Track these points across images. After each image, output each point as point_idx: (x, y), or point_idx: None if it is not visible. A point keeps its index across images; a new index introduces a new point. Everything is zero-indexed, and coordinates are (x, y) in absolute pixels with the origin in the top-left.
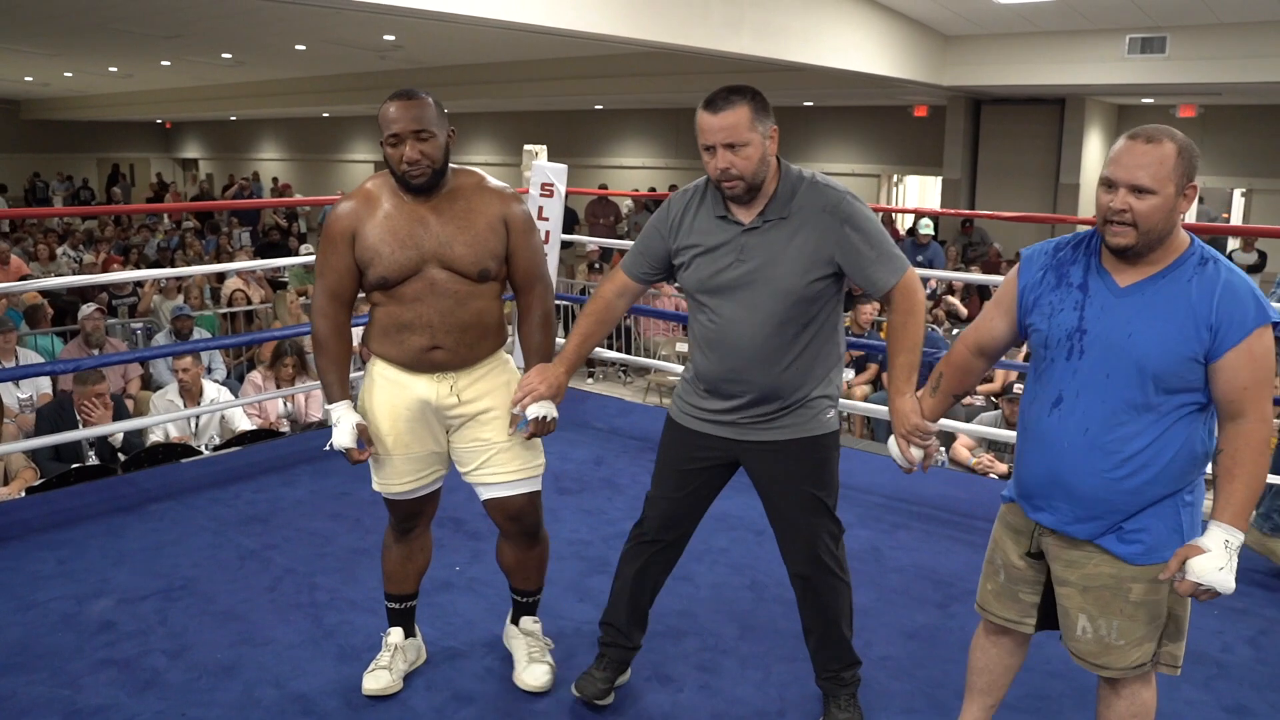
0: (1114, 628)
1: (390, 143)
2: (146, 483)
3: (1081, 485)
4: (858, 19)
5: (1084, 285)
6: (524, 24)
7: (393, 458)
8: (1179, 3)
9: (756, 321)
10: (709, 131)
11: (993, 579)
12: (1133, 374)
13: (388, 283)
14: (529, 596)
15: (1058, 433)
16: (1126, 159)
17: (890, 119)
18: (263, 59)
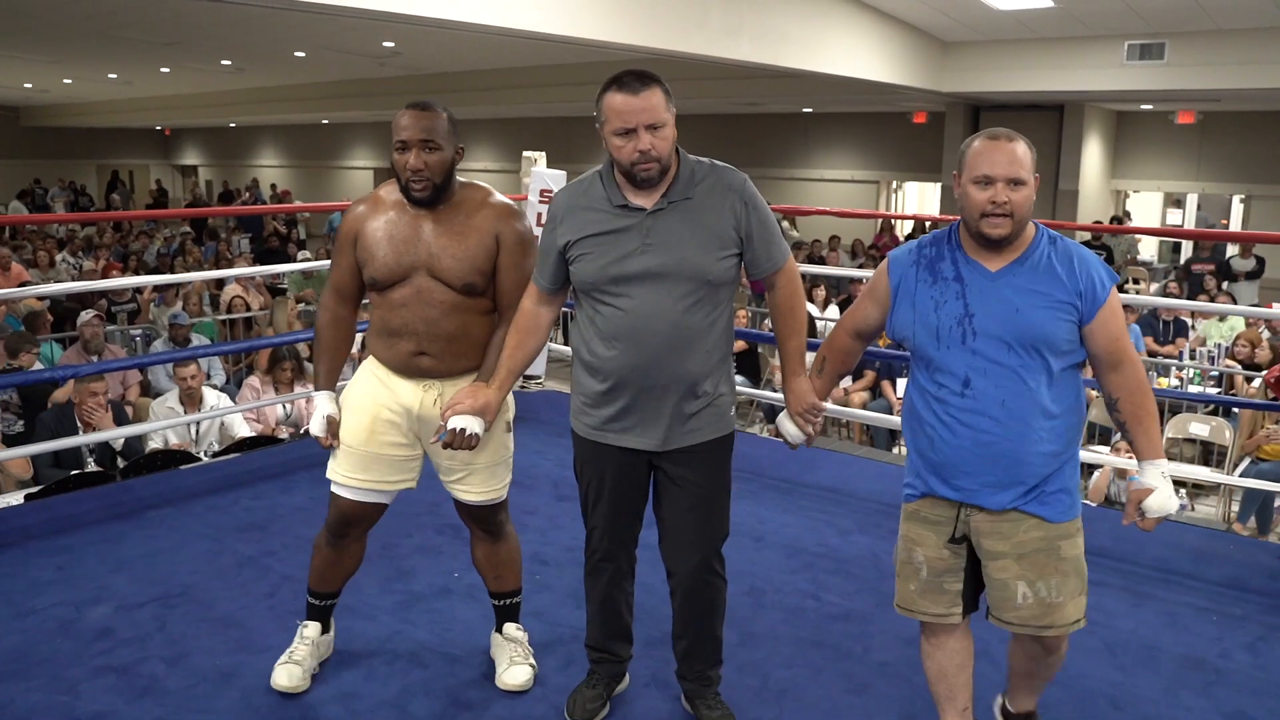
0: (1053, 586)
1: (398, 148)
2: (145, 490)
3: (1007, 456)
4: (857, 25)
5: (958, 276)
6: (523, 30)
7: (356, 451)
8: (1178, 9)
9: (671, 305)
10: (631, 113)
11: (913, 579)
12: (1028, 345)
13: (378, 284)
14: (507, 599)
15: (977, 410)
16: (1000, 157)
17: (889, 125)
18: (262, 66)
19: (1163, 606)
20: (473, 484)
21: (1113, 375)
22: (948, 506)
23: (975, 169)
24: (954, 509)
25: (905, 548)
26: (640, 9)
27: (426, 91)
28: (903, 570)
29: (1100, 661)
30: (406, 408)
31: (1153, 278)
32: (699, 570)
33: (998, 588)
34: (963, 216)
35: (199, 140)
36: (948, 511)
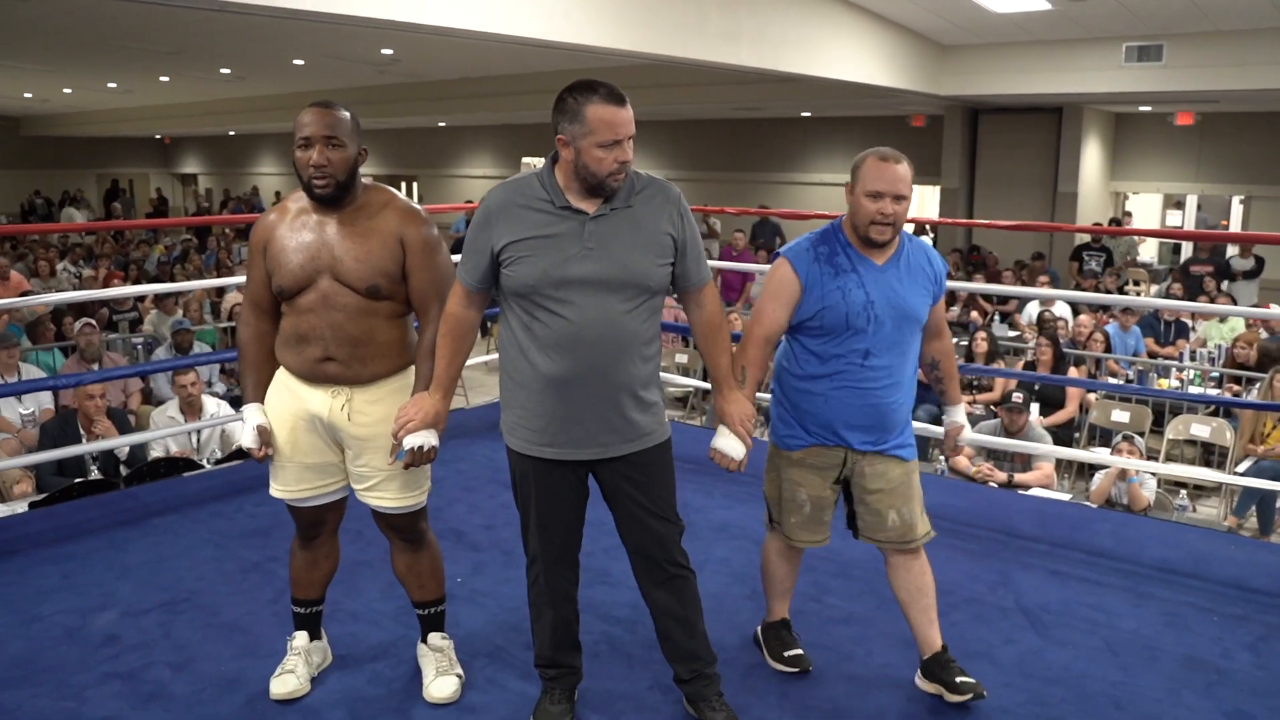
0: (912, 510)
1: (300, 145)
2: (149, 497)
3: (892, 413)
4: (855, 30)
5: (855, 270)
6: (521, 37)
7: (286, 464)
8: (1175, 11)
9: (616, 311)
10: (621, 125)
11: (796, 514)
12: (911, 324)
13: (285, 292)
14: (430, 608)
15: (873, 378)
16: (889, 175)
17: (888, 129)
18: (261, 74)
19: (1164, 606)
20: (388, 491)
21: (936, 342)
22: (834, 454)
23: (868, 184)
24: (840, 456)
25: (790, 489)
26: (639, 15)
27: (426, 98)
28: (787, 507)
29: (1102, 661)
30: (316, 415)
31: (1153, 279)
32: (667, 570)
33: (873, 515)
34: (853, 221)
35: (199, 149)
36: (834, 458)
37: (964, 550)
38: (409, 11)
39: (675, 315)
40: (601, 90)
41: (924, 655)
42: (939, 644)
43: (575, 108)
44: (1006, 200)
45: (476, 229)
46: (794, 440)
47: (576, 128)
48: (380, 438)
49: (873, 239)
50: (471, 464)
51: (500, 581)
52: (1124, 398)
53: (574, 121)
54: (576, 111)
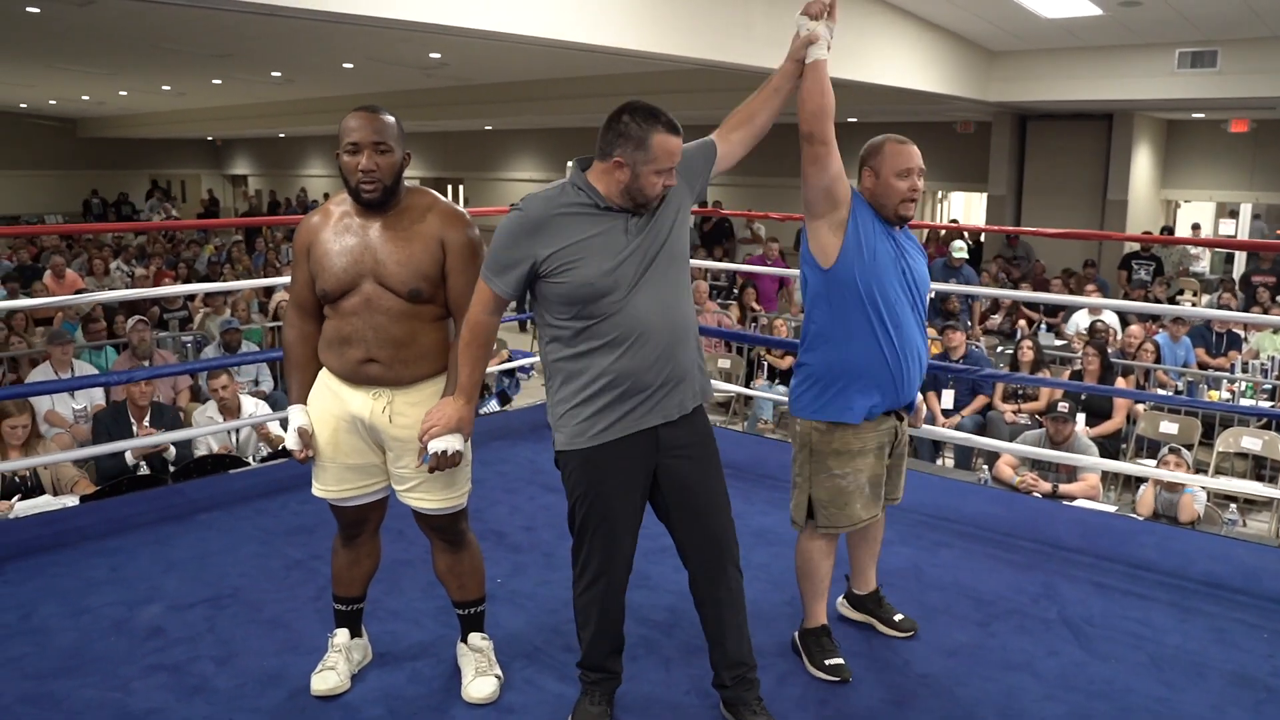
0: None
1: (349, 150)
2: (195, 493)
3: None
4: (903, 35)
5: (891, 237)
6: (568, 42)
7: (328, 464)
8: (1230, 16)
9: (671, 293)
10: (679, 153)
11: (860, 497)
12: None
13: (329, 296)
14: (470, 608)
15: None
16: (915, 153)
17: (935, 135)
18: (311, 77)
19: (1211, 622)
20: (428, 492)
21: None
22: (887, 425)
23: (899, 164)
24: (892, 427)
25: (852, 476)
26: (683, 19)
27: (473, 102)
28: (851, 498)
29: (1146, 676)
30: (357, 416)
31: (1205, 289)
32: (729, 555)
33: (896, 476)
34: (880, 200)
35: (249, 150)
36: (888, 430)
37: (1007, 561)
38: (456, 16)
39: (718, 320)
40: (663, 120)
41: (859, 590)
42: (875, 583)
43: (639, 134)
44: (1055, 208)
45: (515, 238)
46: (846, 416)
47: (640, 154)
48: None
49: (904, 215)
50: (514, 465)
51: (540, 583)
52: (1173, 409)
53: (638, 148)
54: (641, 139)
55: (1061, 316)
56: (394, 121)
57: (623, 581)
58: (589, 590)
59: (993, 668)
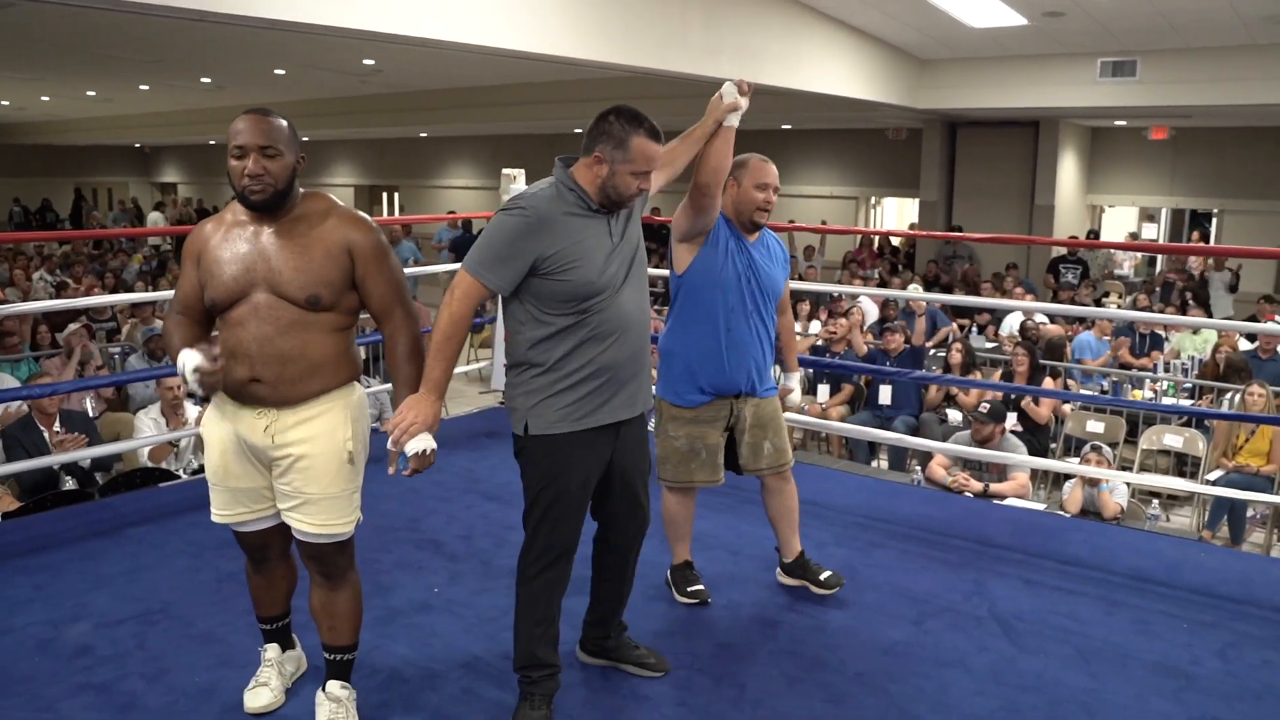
0: (781, 438)
1: (235, 154)
2: (124, 507)
3: (765, 362)
4: (835, 44)
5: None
6: (502, 49)
7: (218, 487)
8: (1149, 28)
9: (643, 293)
10: (657, 159)
11: (694, 460)
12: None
13: (218, 305)
14: (338, 654)
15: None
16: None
17: (867, 142)
18: (242, 83)
19: (1136, 614)
20: (308, 515)
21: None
22: (722, 405)
23: (759, 178)
24: (727, 406)
25: (686, 443)
26: (620, 28)
27: (408, 109)
28: (685, 457)
29: (1073, 669)
30: (243, 438)
31: (1129, 291)
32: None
33: (752, 450)
34: (739, 206)
35: (179, 158)
36: (723, 409)
37: (940, 560)
38: (389, 23)
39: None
40: (646, 125)
41: (787, 559)
42: (799, 549)
43: (621, 135)
44: (985, 213)
45: (519, 236)
46: (693, 398)
47: (619, 154)
48: (308, 457)
49: (758, 222)
50: (450, 474)
51: (477, 592)
52: (1098, 408)
53: (618, 148)
54: (622, 140)
55: (991, 319)
56: (285, 125)
57: (569, 565)
58: (545, 573)
59: (926, 664)
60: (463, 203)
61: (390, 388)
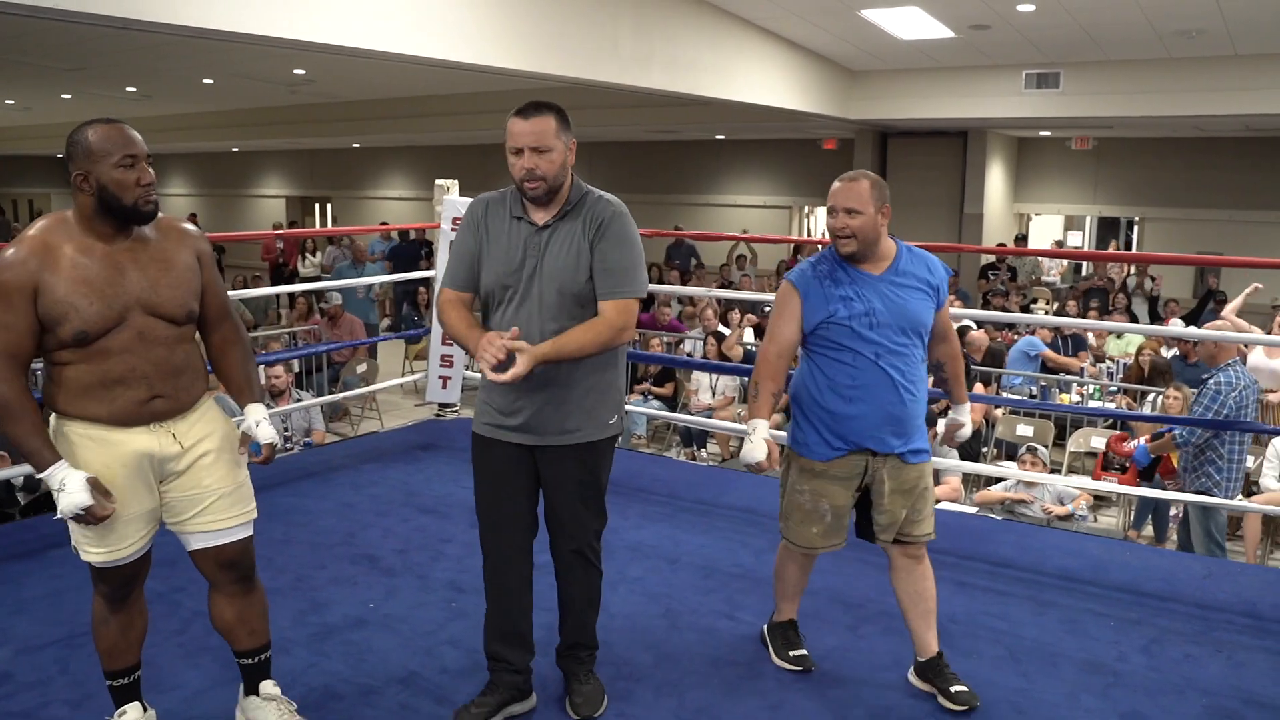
0: (918, 509)
1: (126, 164)
2: (48, 528)
3: (903, 414)
4: (766, 55)
5: (852, 279)
6: (433, 59)
7: (116, 521)
8: (1071, 41)
9: (540, 315)
10: (519, 135)
11: (818, 524)
12: (910, 328)
13: (88, 337)
14: (260, 655)
15: (885, 379)
16: (838, 192)
17: (800, 152)
18: (169, 92)
19: (1065, 613)
20: (221, 511)
21: (943, 345)
22: (854, 464)
23: (830, 202)
24: (861, 465)
25: (809, 501)
26: (552, 38)
27: (341, 119)
28: (808, 517)
29: (1005, 669)
30: (145, 454)
31: (1055, 297)
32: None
33: (887, 517)
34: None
35: None
36: (855, 469)
37: (874, 564)
38: (318, 32)
39: None
40: (523, 106)
41: (921, 657)
42: (935, 648)
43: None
44: (916, 221)
45: (464, 235)
46: (817, 453)
47: (507, 140)
48: (211, 452)
49: (840, 252)
50: (386, 488)
51: (415, 606)
52: (1027, 412)
53: (507, 135)
54: (508, 126)
55: None
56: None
57: (511, 564)
58: (484, 568)
59: (863, 669)
60: (397, 214)
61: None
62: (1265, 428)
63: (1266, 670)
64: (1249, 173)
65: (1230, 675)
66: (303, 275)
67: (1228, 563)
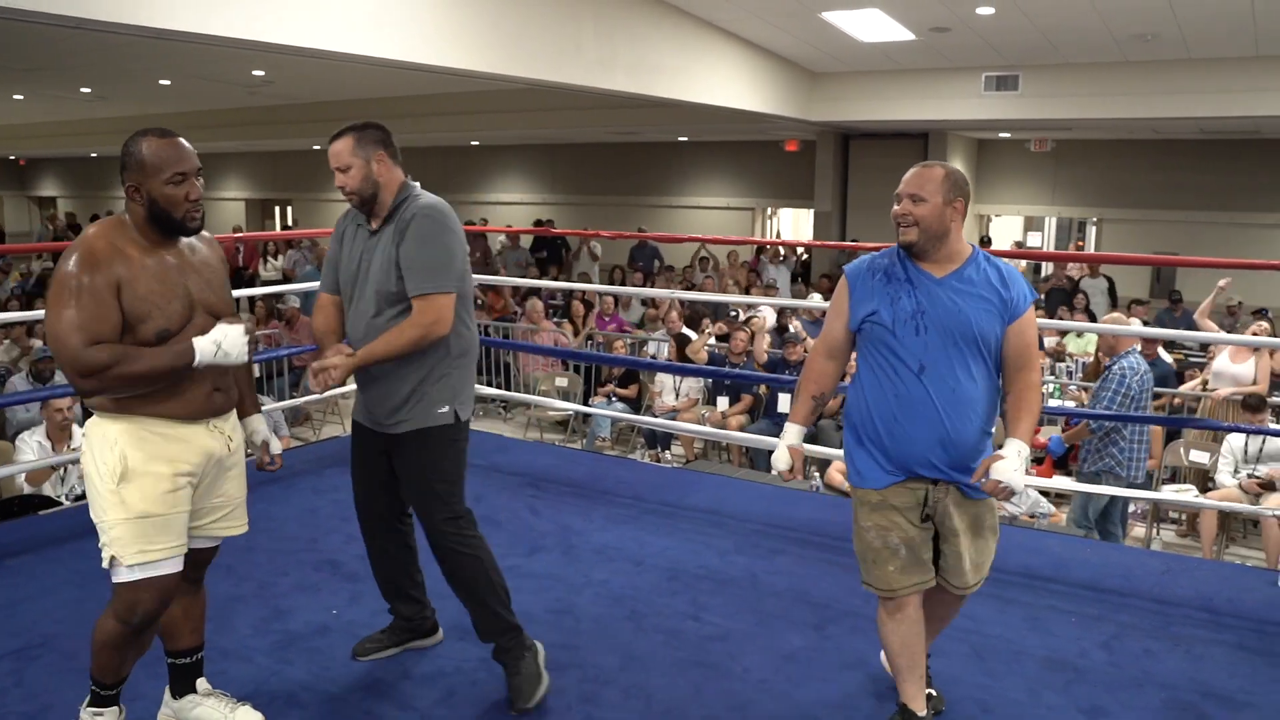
0: (983, 551)
1: (175, 180)
2: (3, 537)
3: (959, 435)
4: (729, 57)
5: (909, 278)
6: (395, 60)
7: (163, 518)
8: (1030, 44)
9: (363, 312)
10: (330, 157)
11: (893, 560)
12: (970, 339)
13: (169, 334)
14: (198, 653)
15: (932, 395)
16: (907, 179)
17: (763, 153)
18: (126, 93)
19: (1027, 610)
20: (237, 519)
21: (1017, 375)
22: (912, 490)
23: (898, 189)
24: (921, 491)
25: (878, 535)
26: (515, 40)
27: (301, 120)
28: (880, 555)
29: (969, 666)
30: (208, 453)
31: None
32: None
33: (954, 558)
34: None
35: (58, 171)
36: (915, 495)
37: (840, 565)
38: (276, 33)
39: (555, 339)
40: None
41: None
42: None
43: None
44: (878, 223)
45: (332, 243)
46: (869, 480)
47: None
48: (239, 462)
49: (900, 241)
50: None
51: (377, 612)
52: None
53: None
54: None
55: None
56: None
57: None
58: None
59: (829, 669)
60: None
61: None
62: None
63: (1223, 663)
64: (1204, 175)
65: (1188, 669)
66: (264, 279)
67: (1185, 558)
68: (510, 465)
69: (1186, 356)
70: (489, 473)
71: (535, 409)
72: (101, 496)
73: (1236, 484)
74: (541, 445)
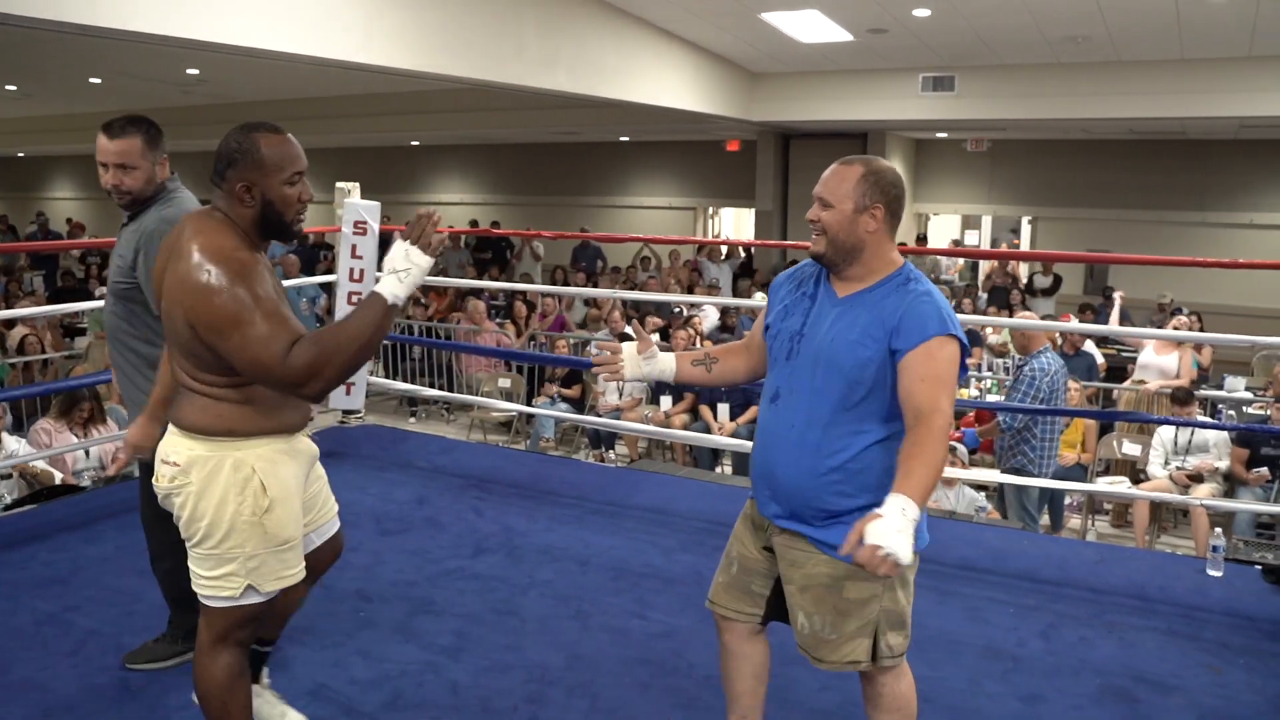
0: (827, 623)
1: (293, 181)
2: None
3: (785, 478)
4: (670, 57)
5: (814, 295)
6: (332, 59)
7: (298, 539)
8: (965, 45)
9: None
10: (103, 152)
11: (725, 572)
12: (838, 373)
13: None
14: (274, 644)
15: (772, 426)
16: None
17: (704, 153)
18: (54, 92)
19: (965, 602)
20: (328, 499)
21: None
22: (761, 518)
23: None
24: (765, 522)
25: (732, 541)
26: (455, 39)
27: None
28: (722, 562)
29: (910, 658)
30: (313, 458)
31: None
32: None
33: (790, 608)
34: None
35: None
36: (763, 519)
37: None
38: (213, 31)
39: (497, 340)
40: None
41: None
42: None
43: None
44: None
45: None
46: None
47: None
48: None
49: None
50: None
51: (321, 616)
52: None
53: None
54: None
55: None
56: None
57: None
58: None
59: (772, 664)
60: None
61: None
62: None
63: (1155, 649)
64: (1134, 174)
65: (1122, 655)
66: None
67: (1118, 548)
68: (454, 467)
69: (1120, 352)
70: (433, 475)
71: (478, 410)
72: (236, 531)
73: (1167, 475)
74: (485, 446)
